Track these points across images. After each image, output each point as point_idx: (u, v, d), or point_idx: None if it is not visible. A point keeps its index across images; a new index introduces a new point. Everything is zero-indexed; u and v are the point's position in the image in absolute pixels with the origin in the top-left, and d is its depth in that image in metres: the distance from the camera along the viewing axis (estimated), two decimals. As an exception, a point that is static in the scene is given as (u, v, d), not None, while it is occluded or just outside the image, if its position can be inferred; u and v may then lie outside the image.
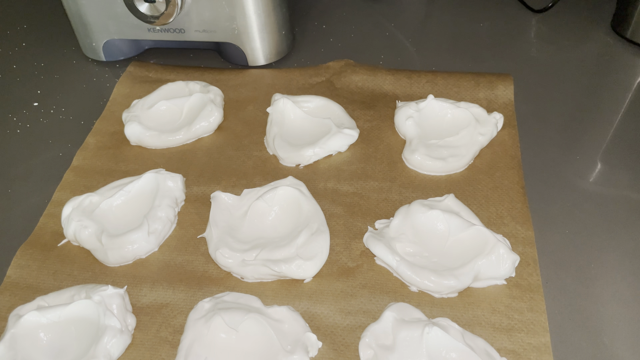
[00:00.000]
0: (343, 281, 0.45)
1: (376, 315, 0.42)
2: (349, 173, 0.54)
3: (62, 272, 0.47)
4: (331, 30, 0.73)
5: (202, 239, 0.48)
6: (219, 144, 0.57)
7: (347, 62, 0.65)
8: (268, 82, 0.64)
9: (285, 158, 0.54)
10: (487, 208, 0.49)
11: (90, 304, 0.41)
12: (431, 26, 0.74)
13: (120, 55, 0.69)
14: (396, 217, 0.47)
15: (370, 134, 0.57)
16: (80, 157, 0.57)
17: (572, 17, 0.73)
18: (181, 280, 0.46)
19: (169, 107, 0.59)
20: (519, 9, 0.75)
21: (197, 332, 0.40)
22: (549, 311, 0.43)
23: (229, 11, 0.61)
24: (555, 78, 0.64)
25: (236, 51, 0.65)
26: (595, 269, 0.45)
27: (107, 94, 0.64)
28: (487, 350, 0.39)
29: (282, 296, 0.44)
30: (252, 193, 0.50)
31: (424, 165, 0.52)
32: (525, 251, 0.46)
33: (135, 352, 0.41)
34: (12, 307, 0.43)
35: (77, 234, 0.47)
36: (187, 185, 0.53)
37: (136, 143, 0.57)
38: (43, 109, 0.64)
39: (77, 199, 0.49)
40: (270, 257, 0.44)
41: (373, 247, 0.45)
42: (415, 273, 0.43)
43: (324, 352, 0.41)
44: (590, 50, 0.68)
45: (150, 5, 0.60)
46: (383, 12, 0.76)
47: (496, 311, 0.42)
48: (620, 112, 0.59)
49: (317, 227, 0.46)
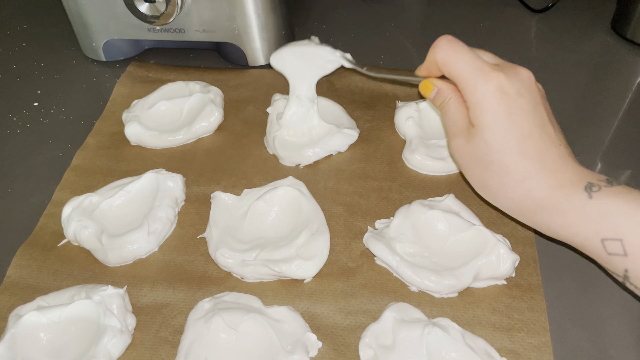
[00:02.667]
0: (343, 281, 0.45)
1: (376, 315, 0.42)
2: (349, 173, 0.54)
3: (62, 272, 0.47)
4: (331, 30, 0.73)
5: (202, 239, 0.48)
6: (219, 144, 0.57)
7: (347, 62, 0.65)
8: (268, 82, 0.64)
9: (285, 158, 0.54)
10: (487, 208, 0.49)
11: (90, 304, 0.41)
12: (431, 26, 0.74)
13: (120, 55, 0.69)
14: (396, 217, 0.47)
15: (370, 134, 0.57)
16: (80, 157, 0.57)
17: (572, 17, 0.73)
18: (181, 280, 0.46)
19: (169, 107, 0.59)
20: (519, 9, 0.75)
21: (197, 332, 0.40)
22: (549, 311, 0.43)
23: (229, 11, 0.61)
24: (555, 78, 0.64)
25: (236, 51, 0.65)
26: (595, 269, 0.45)
27: (107, 94, 0.64)
28: (487, 350, 0.39)
29: (282, 296, 0.44)
30: (252, 193, 0.50)
31: (424, 165, 0.52)
32: (525, 251, 0.46)
33: (135, 352, 0.41)
34: (12, 307, 0.43)
35: (77, 234, 0.47)
36: (187, 185, 0.53)
37: (136, 143, 0.57)
38: (43, 109, 0.64)
39: (77, 199, 0.49)
40: (270, 257, 0.44)
41: (373, 247, 0.45)
42: (416, 273, 0.43)
43: (324, 352, 0.41)
44: (590, 50, 0.68)
45: (150, 5, 0.60)
46: (383, 12, 0.76)
47: (496, 311, 0.42)
48: (620, 112, 0.59)
49: (317, 227, 0.46)
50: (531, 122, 0.39)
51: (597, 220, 0.36)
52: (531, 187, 0.39)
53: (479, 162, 0.40)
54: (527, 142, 0.39)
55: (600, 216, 0.36)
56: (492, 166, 0.39)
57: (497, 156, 0.39)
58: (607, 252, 0.36)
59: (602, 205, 0.36)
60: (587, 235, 0.37)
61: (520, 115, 0.39)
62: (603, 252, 0.37)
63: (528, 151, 0.38)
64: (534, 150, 0.39)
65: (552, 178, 0.38)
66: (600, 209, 0.36)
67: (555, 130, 0.40)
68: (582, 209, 0.37)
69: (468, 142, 0.40)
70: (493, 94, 0.38)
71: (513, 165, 0.39)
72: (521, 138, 0.38)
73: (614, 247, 0.36)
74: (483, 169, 0.40)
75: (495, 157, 0.39)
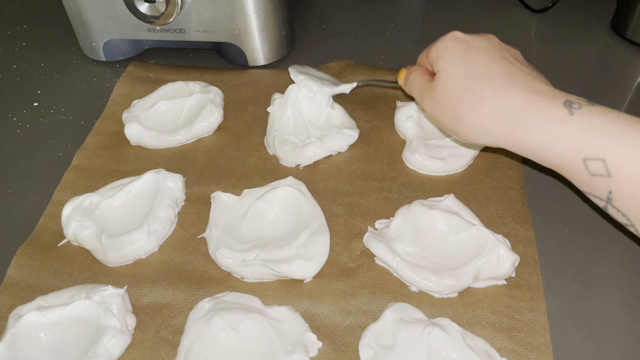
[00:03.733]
0: (343, 281, 0.45)
1: (376, 315, 0.42)
2: (349, 173, 0.54)
3: (62, 272, 0.47)
4: (331, 30, 0.73)
5: (202, 239, 0.48)
6: (219, 144, 0.57)
7: (347, 63, 0.65)
8: (268, 82, 0.64)
9: (285, 158, 0.54)
10: (487, 208, 0.49)
11: (90, 304, 0.41)
12: (431, 26, 0.74)
13: (120, 55, 0.69)
14: (396, 217, 0.47)
15: (370, 134, 0.57)
16: (80, 157, 0.57)
17: (572, 17, 0.73)
18: (181, 280, 0.46)
19: (169, 107, 0.59)
20: (519, 9, 0.75)
21: (197, 332, 0.40)
22: (549, 311, 0.43)
23: (229, 11, 0.61)
24: (555, 78, 0.63)
25: (236, 51, 0.65)
26: (595, 269, 0.45)
27: (107, 94, 0.64)
28: (487, 350, 0.39)
29: (282, 296, 0.44)
30: (252, 193, 0.50)
31: (424, 165, 0.52)
32: (525, 251, 0.46)
33: (135, 352, 0.41)
34: (12, 307, 0.43)
35: (77, 234, 0.47)
36: (187, 185, 0.53)
37: (136, 143, 0.57)
38: (43, 109, 0.64)
39: (77, 199, 0.49)
40: (270, 257, 0.44)
41: (373, 247, 0.45)
42: (415, 273, 0.43)
43: (324, 352, 0.41)
44: (590, 50, 0.68)
45: (150, 5, 0.60)
46: (383, 12, 0.76)
47: (496, 311, 0.42)
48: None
49: (317, 227, 0.46)
50: (492, 55, 0.40)
51: (579, 138, 0.35)
52: (503, 102, 0.38)
53: (448, 98, 0.41)
54: (490, 67, 0.39)
55: (581, 134, 0.35)
56: (460, 95, 0.40)
57: (462, 84, 0.40)
58: (590, 173, 0.35)
59: (584, 122, 0.35)
60: (568, 153, 0.36)
61: (479, 50, 0.40)
62: (586, 173, 0.35)
63: (492, 73, 0.39)
64: (499, 72, 0.39)
65: (524, 92, 0.38)
66: (581, 125, 0.35)
67: (528, 68, 0.41)
68: (563, 126, 0.36)
69: (436, 89, 0.42)
70: (449, 39, 0.42)
71: (480, 85, 0.39)
72: (483, 64, 0.40)
73: (597, 167, 0.35)
74: (453, 103, 0.41)
75: (461, 85, 0.40)
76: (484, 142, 0.41)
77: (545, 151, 0.37)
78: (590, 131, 0.35)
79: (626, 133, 0.34)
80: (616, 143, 0.34)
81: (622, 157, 0.34)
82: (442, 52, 0.42)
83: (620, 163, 0.34)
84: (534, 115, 0.37)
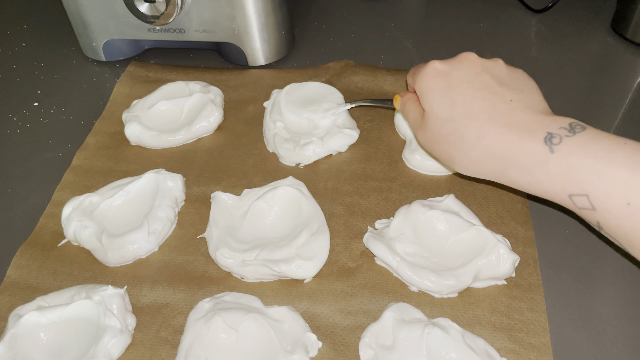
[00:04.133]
0: (343, 281, 0.45)
1: (376, 315, 0.42)
2: (349, 173, 0.54)
3: (62, 272, 0.47)
4: (331, 30, 0.73)
5: (202, 239, 0.48)
6: (219, 144, 0.57)
7: (347, 63, 0.65)
8: (268, 82, 0.64)
9: (286, 157, 0.54)
10: (487, 208, 0.49)
11: (90, 304, 0.41)
12: (431, 26, 0.74)
13: (120, 55, 0.69)
14: (396, 217, 0.47)
15: (370, 134, 0.57)
16: (80, 157, 0.57)
17: (572, 17, 0.73)
18: (181, 280, 0.46)
19: (169, 107, 0.59)
20: (519, 9, 0.75)
21: (197, 332, 0.40)
22: (549, 311, 0.43)
23: (229, 11, 0.61)
24: (555, 78, 0.64)
25: (236, 51, 0.65)
26: (595, 269, 0.45)
27: (107, 94, 0.64)
28: (487, 351, 0.39)
29: (282, 296, 0.44)
30: (252, 193, 0.50)
31: (424, 165, 0.52)
32: (525, 251, 0.46)
33: (135, 352, 0.41)
34: (12, 307, 0.43)
35: (77, 234, 0.47)
36: (187, 185, 0.53)
37: (136, 143, 0.57)
38: (43, 109, 0.64)
39: (77, 199, 0.49)
40: (270, 257, 0.44)
41: (373, 247, 0.45)
42: (416, 273, 0.43)
43: (324, 352, 0.41)
44: (590, 50, 0.68)
45: (150, 5, 0.60)
46: (383, 12, 0.76)
47: (496, 311, 0.42)
48: (620, 112, 0.59)
49: (317, 227, 0.46)
50: (473, 87, 0.40)
51: (562, 177, 0.36)
52: (488, 145, 0.39)
53: (439, 139, 0.42)
54: (472, 105, 0.40)
55: (563, 173, 0.36)
56: (448, 137, 0.41)
57: (448, 126, 0.41)
58: (577, 207, 0.37)
59: (564, 160, 0.36)
60: (554, 191, 0.37)
61: (459, 84, 0.41)
62: (574, 207, 0.37)
63: (474, 113, 0.40)
64: (480, 110, 0.39)
65: (507, 132, 0.38)
66: (561, 164, 0.36)
67: (510, 89, 0.41)
68: (546, 166, 0.37)
69: (426, 128, 0.43)
70: (430, 75, 0.42)
71: (464, 128, 0.40)
72: (465, 103, 0.40)
73: (582, 202, 0.36)
74: (444, 144, 0.42)
75: (448, 127, 0.41)
76: (480, 177, 0.42)
77: (535, 189, 0.39)
78: (570, 169, 0.36)
79: (605, 168, 0.35)
80: (596, 179, 0.35)
81: (603, 191, 0.35)
82: (426, 91, 0.42)
83: (602, 197, 0.35)
84: (518, 156, 0.38)
